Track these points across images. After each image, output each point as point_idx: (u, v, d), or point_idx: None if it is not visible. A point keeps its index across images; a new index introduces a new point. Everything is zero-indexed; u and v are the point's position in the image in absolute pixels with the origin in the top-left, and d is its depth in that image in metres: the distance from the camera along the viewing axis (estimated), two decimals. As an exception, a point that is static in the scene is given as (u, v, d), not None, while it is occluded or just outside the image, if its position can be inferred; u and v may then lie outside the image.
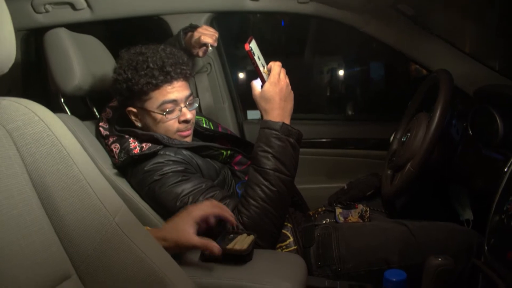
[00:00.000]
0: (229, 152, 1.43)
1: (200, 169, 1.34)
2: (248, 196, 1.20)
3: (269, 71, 1.23)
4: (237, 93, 2.22)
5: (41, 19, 1.85)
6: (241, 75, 2.80)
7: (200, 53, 1.56)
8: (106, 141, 1.37)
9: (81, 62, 1.42)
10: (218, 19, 2.02)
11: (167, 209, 1.24)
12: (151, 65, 1.26)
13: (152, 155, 1.28)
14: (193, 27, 1.58)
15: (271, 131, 1.20)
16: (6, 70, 0.79)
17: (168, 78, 1.28)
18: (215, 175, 1.37)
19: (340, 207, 1.50)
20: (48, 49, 1.42)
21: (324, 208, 1.63)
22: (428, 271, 1.05)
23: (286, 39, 2.94)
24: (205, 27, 1.57)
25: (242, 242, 1.05)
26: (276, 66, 1.22)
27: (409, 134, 1.43)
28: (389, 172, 1.57)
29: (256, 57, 1.19)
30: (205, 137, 1.52)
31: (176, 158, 1.29)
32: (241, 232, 1.12)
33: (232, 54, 2.43)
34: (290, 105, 1.24)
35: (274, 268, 1.02)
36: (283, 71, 1.23)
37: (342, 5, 1.72)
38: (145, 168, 1.27)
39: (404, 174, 1.33)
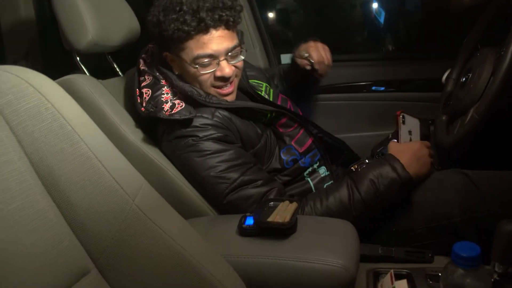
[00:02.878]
0: (274, 113, 1.26)
1: (240, 134, 1.18)
2: (320, 198, 1.12)
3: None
4: (269, 35, 2.01)
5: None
6: (272, 15, 2.57)
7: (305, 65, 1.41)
8: (141, 78, 1.22)
9: (94, 14, 1.27)
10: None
11: (199, 180, 1.13)
12: (184, 7, 1.07)
13: (183, 121, 1.13)
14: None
15: (396, 175, 1.11)
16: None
17: (202, 26, 1.08)
18: (256, 139, 1.22)
19: None
20: (56, 2, 1.28)
21: (367, 161, 1.47)
22: (499, 236, 0.90)
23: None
24: (320, 45, 1.40)
25: (284, 212, 0.93)
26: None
27: (470, 74, 1.23)
28: (444, 117, 1.38)
29: (403, 127, 1.26)
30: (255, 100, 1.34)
31: (213, 122, 1.13)
32: (284, 198, 1.00)
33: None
34: (421, 168, 1.16)
35: (322, 241, 0.90)
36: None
37: None
38: (178, 132, 1.14)
39: (468, 122, 1.14)
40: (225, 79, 1.16)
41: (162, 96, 1.16)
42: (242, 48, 1.18)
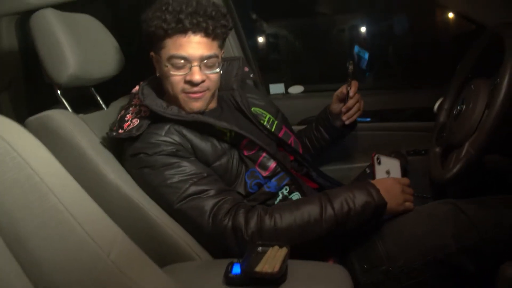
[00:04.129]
0: (233, 133, 1.22)
1: (194, 150, 1.17)
2: (289, 209, 1.08)
3: None
4: (257, 66, 1.98)
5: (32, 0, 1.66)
6: (260, 43, 2.54)
7: (345, 118, 1.41)
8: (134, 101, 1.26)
9: (75, 47, 1.22)
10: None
11: (152, 192, 1.14)
12: (170, 7, 1.12)
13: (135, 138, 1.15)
14: None
15: (371, 199, 1.09)
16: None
17: (180, 27, 1.11)
18: (214, 157, 1.19)
19: None
20: (35, 34, 1.22)
21: None
22: (503, 278, 0.85)
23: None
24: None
25: (273, 259, 0.87)
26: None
27: (463, 106, 1.20)
28: (437, 149, 1.35)
29: (379, 167, 1.26)
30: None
31: (165, 138, 1.15)
32: (271, 243, 0.94)
33: (247, 20, 2.18)
34: (390, 202, 1.12)
35: (314, 289, 0.84)
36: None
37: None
38: (130, 150, 1.16)
39: (463, 157, 1.10)
40: (193, 84, 1.16)
41: (127, 115, 1.21)
42: (220, 61, 1.19)
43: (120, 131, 1.17)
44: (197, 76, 1.14)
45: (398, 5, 2.38)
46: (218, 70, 1.19)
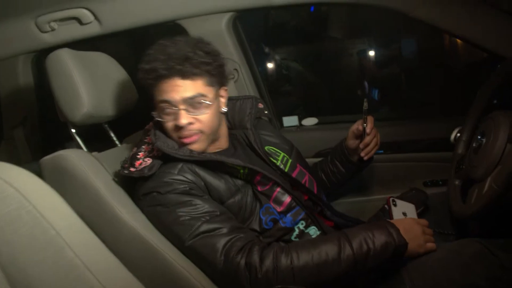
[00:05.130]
0: (246, 170, 1.20)
1: (207, 188, 1.16)
2: (308, 248, 1.05)
3: None
4: (270, 98, 1.98)
5: (48, 38, 1.70)
6: (273, 75, 2.55)
7: (363, 154, 1.39)
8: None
9: (89, 86, 1.23)
10: (242, 18, 1.80)
11: (164, 229, 1.13)
12: (148, 58, 1.15)
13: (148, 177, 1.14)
14: None
15: (392, 239, 1.06)
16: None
17: (157, 75, 1.13)
18: (228, 195, 1.17)
19: None
20: (51, 74, 1.24)
21: None
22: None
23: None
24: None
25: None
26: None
27: (484, 139, 1.17)
28: (457, 182, 1.31)
29: (395, 209, 1.25)
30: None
31: (178, 177, 1.14)
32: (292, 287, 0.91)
33: (259, 54, 2.19)
34: (415, 241, 1.11)
35: None
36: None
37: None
38: (143, 189, 1.15)
39: (486, 193, 1.07)
40: (180, 128, 1.15)
41: (139, 153, 1.19)
42: (213, 100, 1.18)
43: (131, 169, 1.16)
44: (182, 120, 1.13)
45: (409, 30, 2.38)
46: (207, 111, 1.17)
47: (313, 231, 1.24)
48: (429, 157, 1.75)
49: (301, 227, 1.23)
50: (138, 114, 1.43)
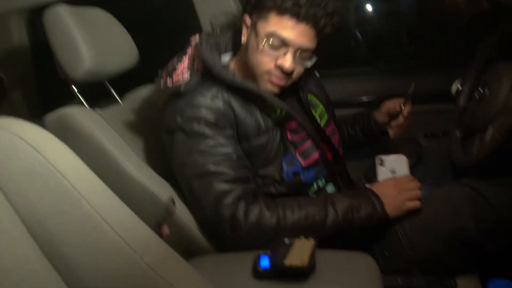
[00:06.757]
0: (283, 113, 1.15)
1: (236, 122, 1.11)
2: (293, 209, 1.06)
3: None
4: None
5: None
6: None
7: (391, 133, 1.39)
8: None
9: (89, 42, 1.21)
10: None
11: (171, 159, 1.11)
12: None
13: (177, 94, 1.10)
14: None
15: (375, 212, 1.09)
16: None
17: (295, 10, 1.03)
18: (255, 133, 1.13)
19: None
20: (49, 30, 1.21)
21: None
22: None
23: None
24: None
25: (301, 251, 0.86)
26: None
27: (486, 89, 1.17)
28: (458, 134, 1.33)
29: (382, 169, 1.24)
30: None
31: (209, 103, 1.08)
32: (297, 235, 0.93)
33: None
34: (401, 201, 1.13)
35: (345, 282, 0.83)
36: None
37: None
38: (170, 107, 1.11)
39: (487, 143, 1.08)
40: (281, 70, 1.09)
41: (179, 65, 1.13)
42: (313, 57, 1.13)
43: (168, 82, 1.11)
44: (287, 63, 1.07)
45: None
46: (309, 64, 1.13)
47: (331, 188, 1.25)
48: (430, 110, 1.76)
49: (321, 184, 1.22)
50: (138, 71, 1.42)
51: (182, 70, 1.12)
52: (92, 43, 1.22)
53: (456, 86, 1.43)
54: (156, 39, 2.14)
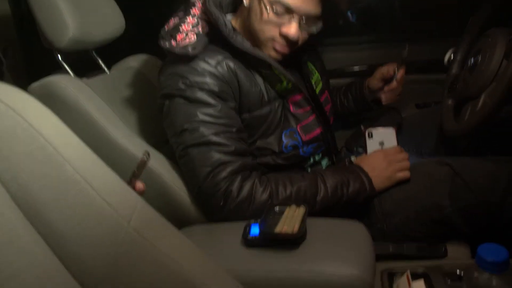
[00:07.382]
0: (290, 85, 1.12)
1: (239, 91, 1.08)
2: (286, 185, 1.05)
3: None
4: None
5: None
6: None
7: (384, 98, 1.39)
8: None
9: (74, 9, 1.17)
10: None
11: (169, 125, 1.08)
12: None
13: (186, 57, 1.04)
14: None
15: (363, 189, 1.09)
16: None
17: None
18: (258, 104, 1.10)
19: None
20: (31, -2, 1.17)
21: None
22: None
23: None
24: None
25: (292, 219, 0.86)
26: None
27: (479, 57, 1.15)
28: (450, 102, 1.32)
29: (371, 141, 1.24)
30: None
31: (214, 70, 1.04)
32: (289, 203, 0.93)
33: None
34: (376, 179, 1.12)
35: (335, 249, 0.84)
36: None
37: None
38: (172, 69, 1.06)
39: (480, 109, 1.08)
40: (286, 38, 1.07)
41: (182, 25, 1.07)
42: (319, 23, 1.10)
43: (173, 42, 1.05)
44: (292, 30, 1.05)
45: None
46: (315, 29, 1.11)
47: (325, 162, 1.25)
48: (422, 79, 1.75)
49: (317, 158, 1.23)
50: (126, 41, 1.38)
51: (187, 31, 1.06)
52: (77, 10, 1.19)
53: (449, 55, 1.42)
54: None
